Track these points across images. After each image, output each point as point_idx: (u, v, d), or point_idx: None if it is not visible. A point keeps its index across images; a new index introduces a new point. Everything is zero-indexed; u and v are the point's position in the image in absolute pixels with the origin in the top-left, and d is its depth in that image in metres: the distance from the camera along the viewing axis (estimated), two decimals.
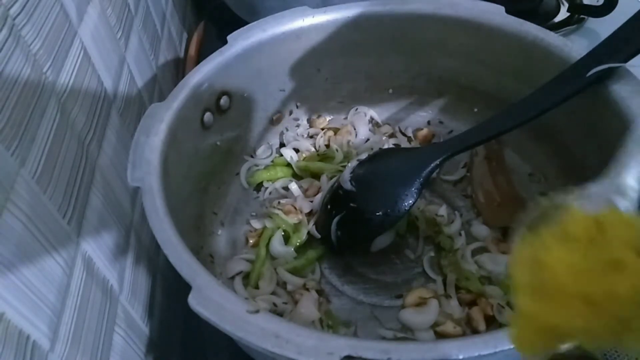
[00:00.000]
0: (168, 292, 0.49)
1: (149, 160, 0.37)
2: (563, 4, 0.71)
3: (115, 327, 0.37)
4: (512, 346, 0.26)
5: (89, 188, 0.36)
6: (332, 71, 0.53)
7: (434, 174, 0.50)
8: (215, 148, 0.48)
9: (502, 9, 0.47)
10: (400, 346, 0.27)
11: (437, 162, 0.43)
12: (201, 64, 0.44)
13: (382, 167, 0.46)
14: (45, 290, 0.29)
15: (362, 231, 0.44)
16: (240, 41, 0.46)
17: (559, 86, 0.40)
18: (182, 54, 0.72)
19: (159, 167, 0.37)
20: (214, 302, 0.29)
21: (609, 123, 0.38)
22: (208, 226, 0.47)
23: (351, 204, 0.44)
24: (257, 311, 0.29)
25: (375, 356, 0.26)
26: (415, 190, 0.42)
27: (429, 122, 0.56)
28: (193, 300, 0.29)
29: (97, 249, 0.36)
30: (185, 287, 0.30)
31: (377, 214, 0.43)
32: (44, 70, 0.32)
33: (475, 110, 0.53)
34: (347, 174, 0.46)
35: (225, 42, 0.47)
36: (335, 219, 0.45)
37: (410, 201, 0.42)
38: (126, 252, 0.42)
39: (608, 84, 0.38)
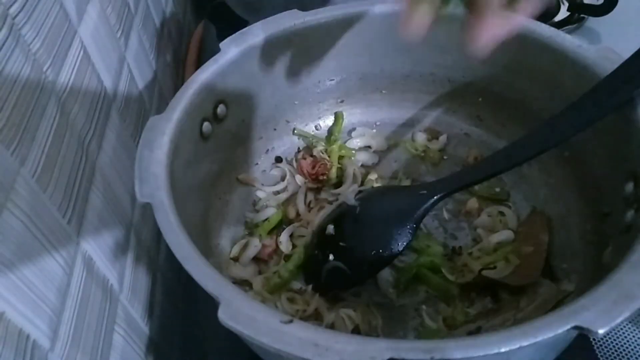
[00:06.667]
0: (168, 292, 0.49)
1: (156, 175, 0.36)
2: (563, 3, 0.71)
3: (115, 326, 0.37)
4: (553, 334, 0.26)
5: (89, 188, 0.36)
6: (325, 73, 0.53)
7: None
8: (215, 157, 0.47)
9: None
10: (442, 344, 0.26)
11: (432, 201, 0.42)
12: (196, 73, 0.44)
13: (375, 206, 0.45)
14: (45, 290, 0.29)
15: (353, 273, 0.43)
16: (233, 47, 0.46)
17: (577, 113, 0.39)
18: (182, 54, 0.72)
19: (166, 182, 0.36)
20: (246, 315, 0.28)
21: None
22: (213, 237, 0.47)
23: (341, 243, 0.43)
24: (290, 321, 0.28)
25: (418, 356, 0.26)
26: (410, 230, 0.42)
27: (424, 121, 0.56)
28: (223, 315, 0.28)
29: (97, 248, 0.36)
30: (186, 287, 0.30)
31: (371, 253, 0.42)
32: (44, 69, 0.32)
33: (470, 105, 0.53)
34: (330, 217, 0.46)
35: None
36: (327, 265, 0.43)
37: (405, 241, 0.41)
38: (126, 251, 0.42)
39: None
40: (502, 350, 0.26)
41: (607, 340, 0.42)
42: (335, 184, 0.52)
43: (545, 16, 0.69)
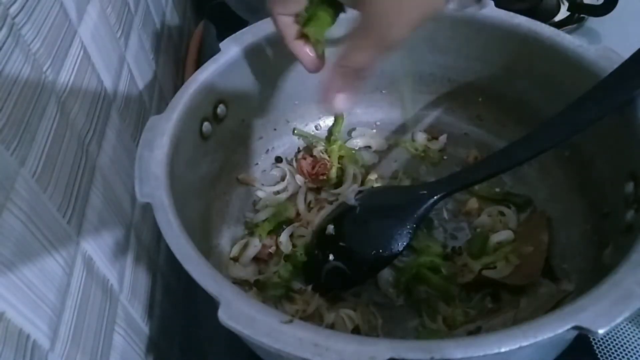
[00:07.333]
0: (168, 292, 0.49)
1: (156, 175, 0.36)
2: (563, 3, 0.71)
3: (115, 326, 0.37)
4: (553, 334, 0.26)
5: (89, 187, 0.36)
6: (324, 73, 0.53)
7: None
8: (215, 157, 0.47)
9: (491, 3, 0.47)
10: (442, 344, 0.26)
11: (432, 201, 0.42)
12: (196, 73, 0.44)
13: (374, 206, 0.45)
14: (45, 290, 0.29)
15: (353, 273, 0.43)
16: (233, 47, 0.46)
17: (572, 115, 0.39)
18: (182, 54, 0.72)
19: (166, 182, 0.36)
20: (245, 315, 0.28)
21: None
22: (213, 237, 0.47)
23: (341, 243, 0.43)
24: (290, 321, 0.28)
25: (418, 356, 0.26)
26: (410, 230, 0.42)
27: (424, 121, 0.56)
28: (223, 315, 0.28)
29: (97, 248, 0.36)
30: (186, 287, 0.30)
31: (371, 253, 0.42)
32: (44, 69, 0.32)
33: (470, 105, 0.53)
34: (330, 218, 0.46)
35: None
36: (328, 266, 0.43)
37: (405, 241, 0.41)
38: (126, 251, 0.42)
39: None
40: (502, 350, 0.26)
41: (607, 340, 0.42)
42: (335, 184, 0.52)
43: (545, 16, 0.69)
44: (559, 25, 0.68)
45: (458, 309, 0.42)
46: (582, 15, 0.68)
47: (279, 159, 0.54)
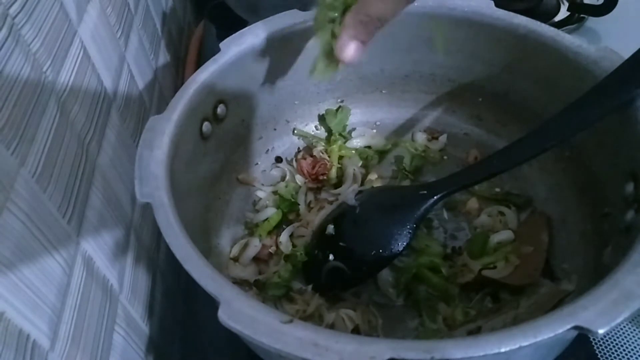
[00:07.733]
0: (168, 292, 0.49)
1: (156, 174, 0.36)
2: (563, 3, 0.71)
3: (115, 326, 0.37)
4: (553, 334, 0.26)
5: (89, 187, 0.36)
6: None
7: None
8: (215, 157, 0.47)
9: (491, 3, 0.47)
10: (442, 344, 0.26)
11: (432, 201, 0.42)
12: (196, 72, 0.44)
13: (374, 206, 0.45)
14: (45, 290, 0.29)
15: (353, 273, 0.43)
16: (233, 47, 0.46)
17: (573, 115, 0.39)
18: (182, 54, 0.72)
19: (166, 182, 0.36)
20: (245, 315, 0.28)
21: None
22: (213, 237, 0.47)
23: (341, 244, 0.44)
24: (290, 321, 0.28)
25: (418, 356, 0.26)
26: (410, 231, 0.42)
27: (424, 121, 0.56)
28: (223, 315, 0.28)
29: (97, 248, 0.36)
30: (186, 287, 0.30)
31: (371, 253, 0.42)
32: (44, 69, 0.32)
33: (470, 105, 0.53)
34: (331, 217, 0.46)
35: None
36: (328, 266, 0.43)
37: (405, 241, 0.42)
38: (126, 251, 0.42)
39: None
40: (502, 350, 0.26)
41: (607, 340, 0.42)
42: (335, 184, 0.52)
43: (545, 16, 0.69)
44: (559, 25, 0.68)
45: (458, 309, 0.42)
46: (582, 15, 0.68)
47: (279, 159, 0.54)
